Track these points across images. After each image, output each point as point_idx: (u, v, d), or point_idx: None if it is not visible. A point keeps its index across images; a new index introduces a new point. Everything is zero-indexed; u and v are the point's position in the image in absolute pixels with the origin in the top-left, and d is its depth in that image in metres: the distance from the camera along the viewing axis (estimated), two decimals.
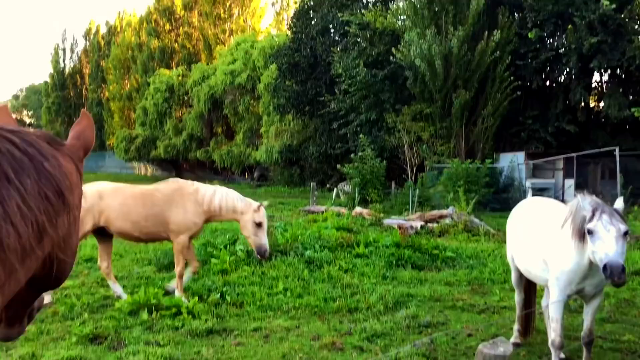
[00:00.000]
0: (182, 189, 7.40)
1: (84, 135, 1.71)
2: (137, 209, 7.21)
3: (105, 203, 7.23)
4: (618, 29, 20.14)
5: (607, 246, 4.05)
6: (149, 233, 7.35)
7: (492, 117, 22.99)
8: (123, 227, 7.22)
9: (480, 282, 8.66)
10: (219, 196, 7.34)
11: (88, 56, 75.43)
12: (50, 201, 1.40)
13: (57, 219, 1.43)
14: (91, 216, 7.16)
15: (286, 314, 6.87)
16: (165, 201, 7.27)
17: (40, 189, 1.37)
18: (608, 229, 4.12)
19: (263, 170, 41.67)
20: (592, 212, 4.24)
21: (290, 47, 31.99)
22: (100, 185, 7.58)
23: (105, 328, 6.16)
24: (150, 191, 7.46)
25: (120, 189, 7.51)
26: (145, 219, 7.20)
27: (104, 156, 70.42)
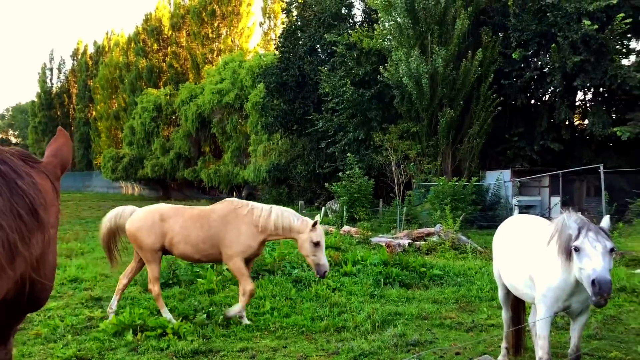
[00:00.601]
0: (237, 210, 7.25)
1: (61, 152, 1.69)
2: (196, 232, 7.11)
3: (168, 225, 7.15)
4: (600, 49, 20.48)
5: (595, 262, 4.07)
6: (209, 255, 7.23)
7: (478, 135, 23.19)
8: (185, 250, 7.14)
9: (468, 299, 8.65)
10: (274, 216, 7.16)
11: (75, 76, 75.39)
12: (23, 219, 1.37)
13: (31, 238, 1.40)
14: (155, 237, 7.11)
15: (273, 334, 6.81)
16: (220, 222, 7.14)
17: (12, 206, 1.35)
18: (594, 245, 4.14)
19: (251, 189, 41.57)
20: (578, 230, 4.27)
21: (278, 66, 32.16)
22: (161, 207, 7.51)
23: (88, 350, 6.06)
24: (207, 212, 7.33)
25: (180, 210, 7.41)
26: (203, 241, 7.10)
27: (91, 175, 70.02)
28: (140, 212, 7.42)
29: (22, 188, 1.40)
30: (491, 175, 23.52)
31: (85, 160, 71.88)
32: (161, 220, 7.18)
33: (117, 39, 67.08)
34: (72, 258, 12.48)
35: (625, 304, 8.25)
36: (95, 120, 66.19)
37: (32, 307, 1.63)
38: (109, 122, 62.27)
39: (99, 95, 63.98)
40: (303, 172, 30.51)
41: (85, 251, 13.65)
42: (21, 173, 1.43)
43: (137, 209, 7.58)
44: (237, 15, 52.46)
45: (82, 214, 28.01)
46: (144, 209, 7.49)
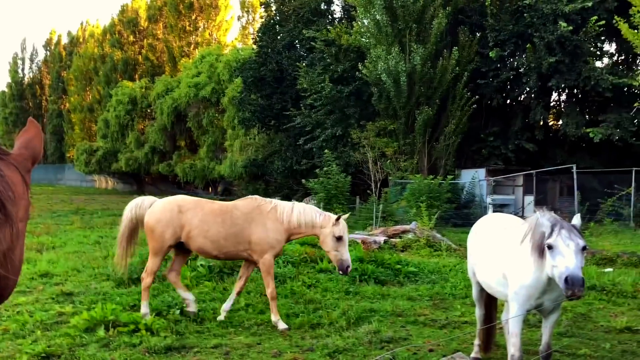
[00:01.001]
0: (260, 207, 7.15)
1: (32, 144, 1.63)
2: (217, 227, 6.96)
3: (186, 218, 7.00)
4: (575, 50, 20.81)
5: (567, 260, 4.12)
6: (228, 252, 7.12)
7: (454, 134, 23.39)
8: (203, 245, 6.99)
9: (442, 297, 8.72)
10: (296, 212, 7.08)
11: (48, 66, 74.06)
12: None
13: None
14: (172, 230, 6.97)
15: (247, 330, 6.77)
16: (244, 219, 7.02)
17: None
18: (567, 243, 4.19)
19: (227, 184, 41.33)
20: (551, 228, 4.31)
21: (256, 60, 31.98)
22: (181, 199, 7.36)
23: (58, 346, 5.95)
24: (229, 209, 7.19)
25: (200, 203, 7.27)
26: (225, 238, 6.96)
27: (64, 168, 68.89)
28: (159, 203, 7.28)
29: None
30: (466, 174, 23.76)
31: (57, 152, 70.70)
32: (179, 212, 7.04)
33: (92, 30, 66.06)
34: (43, 252, 12.25)
35: (595, 302, 8.41)
36: (68, 112, 65.09)
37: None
38: (82, 114, 61.30)
39: (73, 86, 62.92)
40: (280, 168, 30.42)
41: (57, 245, 13.42)
42: None
43: (156, 200, 7.45)
44: (215, 8, 52.00)
45: (53, 207, 27.54)
46: (163, 201, 7.35)
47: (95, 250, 12.88)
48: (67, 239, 14.62)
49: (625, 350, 6.21)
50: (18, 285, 8.77)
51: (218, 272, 9.39)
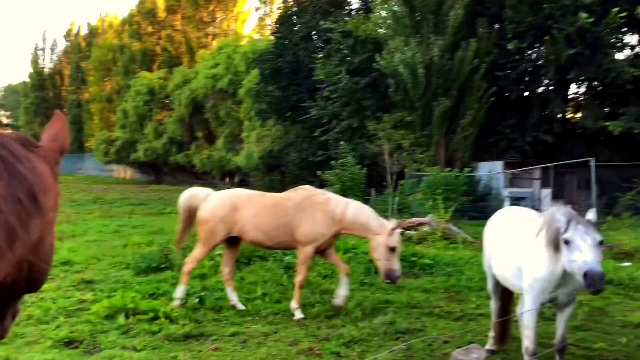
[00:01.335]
0: (311, 197, 7.20)
1: (60, 137, 1.69)
2: (269, 219, 7.07)
3: (240, 214, 7.12)
4: (595, 42, 20.52)
5: (585, 255, 4.13)
6: (281, 242, 7.21)
7: (471, 126, 23.23)
8: (256, 237, 7.13)
9: (458, 289, 8.75)
10: (352, 209, 7.06)
11: (68, 57, 74.73)
12: (22, 204, 1.39)
13: (30, 222, 1.42)
14: (224, 226, 7.09)
15: (264, 319, 6.88)
16: (295, 210, 7.09)
17: (12, 191, 1.36)
18: (584, 238, 4.20)
19: (243, 175, 41.51)
20: (567, 223, 4.32)
21: (273, 52, 32.02)
22: (235, 195, 7.49)
23: (80, 332, 6.10)
24: (280, 200, 7.32)
25: (253, 198, 7.38)
26: (276, 228, 7.06)
27: (83, 158, 69.64)
28: (214, 199, 7.40)
29: (22, 173, 1.42)
30: (483, 167, 23.62)
31: (77, 142, 71.44)
32: (233, 209, 7.14)
33: (110, 21, 66.50)
34: (64, 240, 12.48)
35: (611, 296, 8.37)
36: (87, 103, 65.72)
37: (30, 289, 1.66)
38: (101, 104, 61.84)
39: (92, 77, 63.48)
40: (296, 159, 30.50)
41: (77, 234, 13.65)
42: (21, 158, 1.45)
43: (211, 192, 7.59)
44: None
45: (73, 196, 27.92)
46: (218, 195, 7.49)
47: (114, 239, 13.10)
48: (87, 227, 14.86)
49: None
50: None
51: (236, 261, 9.48)
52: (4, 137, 1.47)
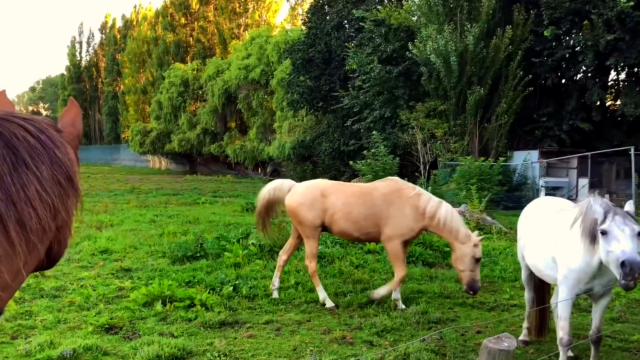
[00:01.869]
0: (401, 190, 7.13)
1: (77, 123, 1.77)
2: (358, 208, 7.02)
3: (330, 201, 7.12)
4: (636, 27, 19.90)
5: (623, 244, 4.07)
6: (368, 234, 7.14)
7: (506, 114, 22.87)
8: (345, 227, 7.07)
9: (491, 279, 8.70)
10: (444, 211, 6.96)
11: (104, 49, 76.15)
12: (62, 186, 1.50)
13: (67, 202, 1.54)
14: (315, 213, 7.10)
15: (298, 308, 6.96)
16: (383, 201, 7.03)
17: (53, 174, 1.47)
18: (622, 228, 4.14)
19: (276, 165, 41.79)
20: (604, 214, 4.27)
21: (305, 42, 32.02)
22: (322, 183, 7.53)
23: (120, 318, 6.29)
24: (369, 190, 7.26)
25: (341, 187, 7.39)
26: (365, 218, 7.00)
27: (119, 149, 71.08)
28: (301, 187, 7.41)
29: (59, 157, 1.52)
30: (518, 156, 23.25)
31: (113, 133, 72.99)
32: (322, 196, 7.14)
33: (145, 13, 67.41)
34: (102, 230, 12.81)
35: None
36: (123, 94, 66.96)
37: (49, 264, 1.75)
38: (136, 96, 62.93)
39: (127, 69, 64.59)
40: (328, 149, 30.53)
41: (115, 223, 13.98)
42: (57, 143, 1.55)
43: (295, 184, 7.60)
44: None
45: (110, 186, 28.58)
46: (304, 185, 7.50)
47: (150, 228, 13.38)
48: (124, 217, 15.19)
49: None
50: (81, 261, 9.27)
51: (269, 250, 9.63)
52: (41, 123, 1.55)
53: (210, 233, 11.78)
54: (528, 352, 5.71)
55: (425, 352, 5.28)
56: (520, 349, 5.79)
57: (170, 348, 5.29)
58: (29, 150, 1.43)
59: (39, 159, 1.44)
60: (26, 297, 7.06)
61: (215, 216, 15.73)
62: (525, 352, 5.70)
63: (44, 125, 1.55)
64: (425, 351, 5.33)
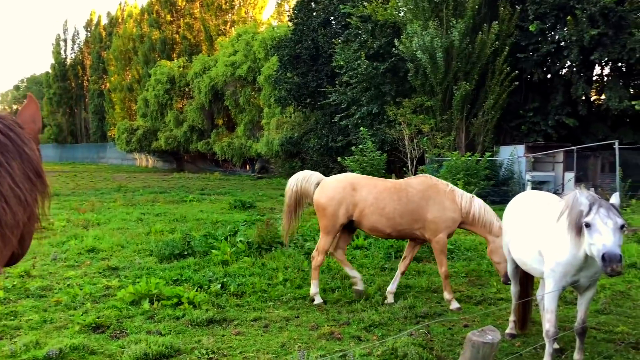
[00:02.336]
0: (437, 185, 7.09)
1: (37, 119, 1.77)
2: (393, 204, 6.89)
3: (360, 196, 6.99)
4: (619, 22, 20.10)
5: (605, 238, 4.12)
6: (402, 230, 7.02)
7: (493, 109, 23.01)
8: (377, 223, 6.94)
9: (478, 274, 8.76)
10: (477, 206, 6.97)
11: (89, 47, 75.50)
12: (32, 182, 1.53)
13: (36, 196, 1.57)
14: (345, 209, 6.98)
15: (286, 304, 6.97)
16: (421, 197, 6.94)
17: (24, 170, 1.50)
18: (605, 222, 4.19)
19: (264, 162, 41.73)
20: (589, 206, 4.31)
21: (292, 38, 31.98)
22: (352, 176, 7.41)
23: (107, 317, 6.26)
24: (402, 186, 7.10)
25: (372, 181, 7.25)
26: (400, 215, 6.88)
27: (105, 147, 70.60)
28: (331, 181, 7.28)
29: (28, 154, 1.55)
30: (505, 151, 23.41)
31: (99, 131, 72.44)
32: (353, 190, 7.03)
33: (130, 10, 66.92)
34: (89, 229, 12.72)
35: (635, 280, 8.31)
36: (109, 92, 66.48)
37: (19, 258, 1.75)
38: (122, 93, 62.51)
39: (113, 66, 64.12)
40: (316, 145, 30.55)
41: (101, 222, 13.89)
42: (25, 139, 1.57)
43: (323, 177, 7.47)
44: None
45: (97, 185, 28.38)
46: (334, 179, 7.36)
47: (138, 226, 13.31)
48: (111, 215, 15.10)
49: None
50: (67, 260, 9.19)
51: (257, 248, 9.61)
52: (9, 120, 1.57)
53: (197, 231, 11.74)
54: (514, 344, 5.75)
55: (413, 347, 5.30)
56: (507, 341, 5.84)
57: (157, 346, 5.27)
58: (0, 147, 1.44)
59: (10, 156, 1.46)
60: (11, 298, 7.00)
61: (203, 214, 15.68)
62: (511, 345, 5.75)
63: (11, 122, 1.56)
64: (413, 345, 5.35)
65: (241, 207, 17.20)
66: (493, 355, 2.22)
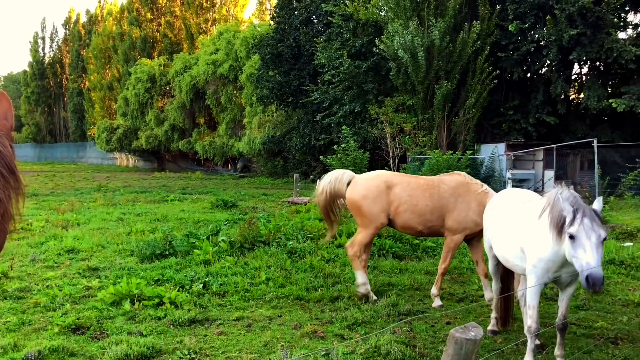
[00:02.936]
0: (469, 184, 6.96)
1: (9, 116, 1.73)
2: (425, 201, 6.84)
3: (395, 193, 6.91)
4: (597, 22, 20.39)
5: (589, 256, 4.09)
6: (432, 227, 6.94)
7: (473, 108, 23.20)
8: (409, 220, 6.88)
9: (460, 271, 8.81)
10: None
11: (68, 45, 74.60)
12: (5, 178, 1.49)
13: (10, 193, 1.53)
14: (380, 206, 6.89)
15: (268, 304, 6.93)
16: (450, 194, 6.87)
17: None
18: (590, 235, 4.14)
19: (246, 161, 41.58)
20: (573, 214, 4.27)
21: (274, 37, 31.89)
22: (385, 174, 7.29)
23: (87, 318, 6.17)
24: (435, 182, 7.04)
25: (405, 178, 7.15)
26: (431, 211, 6.83)
27: (85, 146, 69.83)
28: (364, 179, 7.18)
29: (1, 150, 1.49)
30: (486, 149, 23.62)
31: (79, 131, 71.59)
32: (387, 188, 6.95)
33: (110, 8, 66.20)
34: (68, 229, 12.55)
35: (613, 275, 8.43)
36: (88, 91, 65.73)
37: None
38: (102, 92, 61.84)
39: (92, 65, 63.40)
40: (298, 144, 30.52)
41: (81, 222, 13.71)
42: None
43: (355, 175, 7.37)
44: None
45: (76, 185, 28.03)
46: (367, 177, 7.26)
47: (118, 226, 13.16)
48: (91, 215, 14.90)
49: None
50: (46, 261, 9.05)
51: (239, 247, 9.56)
52: None
53: (179, 230, 11.64)
54: (496, 341, 5.80)
55: (395, 344, 5.31)
56: (489, 338, 5.88)
57: (139, 347, 5.20)
58: None
59: None
60: None
61: (185, 213, 15.56)
62: (493, 342, 5.79)
63: None
64: (396, 343, 5.36)
65: (223, 207, 17.10)
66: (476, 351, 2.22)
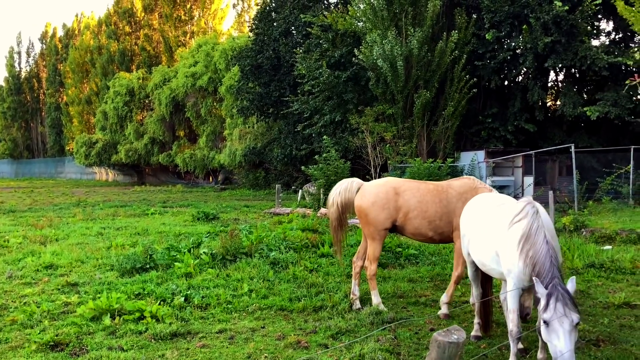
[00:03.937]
0: (477, 189, 6.84)
1: None
2: (434, 207, 6.78)
3: (404, 200, 6.82)
4: (571, 30, 20.75)
5: (562, 344, 4.07)
6: (442, 233, 6.86)
7: (453, 116, 23.40)
8: (419, 226, 6.80)
9: (443, 278, 8.83)
10: None
11: (45, 59, 73.89)
12: None
13: None
14: (388, 213, 6.80)
15: (251, 315, 6.87)
16: (458, 198, 6.80)
17: None
18: (562, 321, 4.12)
19: (227, 173, 41.40)
20: (547, 299, 4.22)
21: (253, 48, 31.91)
22: (394, 180, 7.20)
23: (66, 335, 6.05)
24: (444, 187, 6.97)
25: (414, 184, 7.05)
26: (440, 217, 6.78)
27: (64, 161, 68.97)
28: (371, 186, 7.10)
29: None
30: (466, 156, 23.81)
31: (57, 146, 70.73)
32: (396, 194, 6.87)
33: (87, 22, 65.79)
34: (47, 244, 12.35)
35: (594, 279, 8.51)
36: (66, 105, 65.06)
37: None
38: (80, 106, 61.25)
39: (70, 79, 62.84)
40: (279, 155, 30.47)
41: (60, 237, 13.50)
42: None
43: (363, 182, 7.30)
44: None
45: (55, 200, 27.63)
46: (376, 183, 7.18)
47: (98, 241, 12.98)
48: (70, 231, 14.70)
49: (623, 325, 6.32)
50: (24, 277, 8.88)
51: (221, 259, 9.48)
52: None
53: (160, 244, 11.52)
54: (480, 346, 5.80)
55: (380, 352, 5.29)
56: (473, 343, 5.89)
57: None
58: None
59: None
60: None
61: (165, 227, 15.41)
62: (477, 347, 5.79)
63: None
64: (380, 351, 5.34)
65: (204, 219, 16.98)
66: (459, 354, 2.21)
